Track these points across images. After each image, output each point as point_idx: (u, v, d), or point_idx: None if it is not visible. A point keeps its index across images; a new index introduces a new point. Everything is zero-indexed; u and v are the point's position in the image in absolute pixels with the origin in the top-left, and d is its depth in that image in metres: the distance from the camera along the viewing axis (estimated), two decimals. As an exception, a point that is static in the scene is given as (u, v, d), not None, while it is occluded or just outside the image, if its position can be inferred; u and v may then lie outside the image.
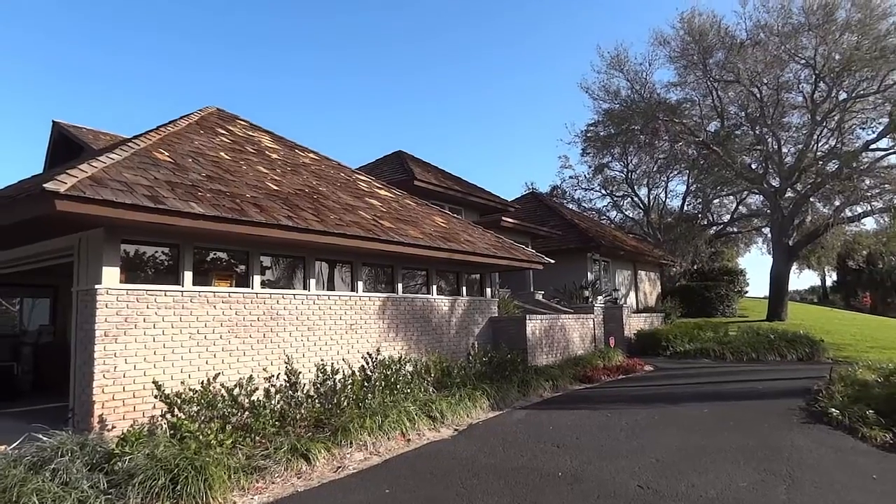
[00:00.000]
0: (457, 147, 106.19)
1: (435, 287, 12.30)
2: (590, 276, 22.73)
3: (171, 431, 6.25)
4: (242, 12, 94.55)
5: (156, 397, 6.62)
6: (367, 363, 9.14)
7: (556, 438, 7.56)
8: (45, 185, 5.70)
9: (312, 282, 9.51)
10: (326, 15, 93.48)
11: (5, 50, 73.83)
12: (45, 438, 5.47)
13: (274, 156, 11.96)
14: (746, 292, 37.50)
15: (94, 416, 6.47)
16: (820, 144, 25.41)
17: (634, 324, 19.63)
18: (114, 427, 6.49)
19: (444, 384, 9.84)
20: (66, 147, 17.50)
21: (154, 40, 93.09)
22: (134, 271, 7.38)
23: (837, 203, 25.59)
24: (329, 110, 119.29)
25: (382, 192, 13.59)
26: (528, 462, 6.49)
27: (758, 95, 25.13)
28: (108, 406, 6.61)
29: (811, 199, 25.73)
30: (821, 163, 24.82)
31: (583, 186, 40.01)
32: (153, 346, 7.12)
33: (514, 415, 9.36)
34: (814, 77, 23.98)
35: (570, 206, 37.66)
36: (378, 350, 9.89)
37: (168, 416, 6.55)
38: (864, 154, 24.29)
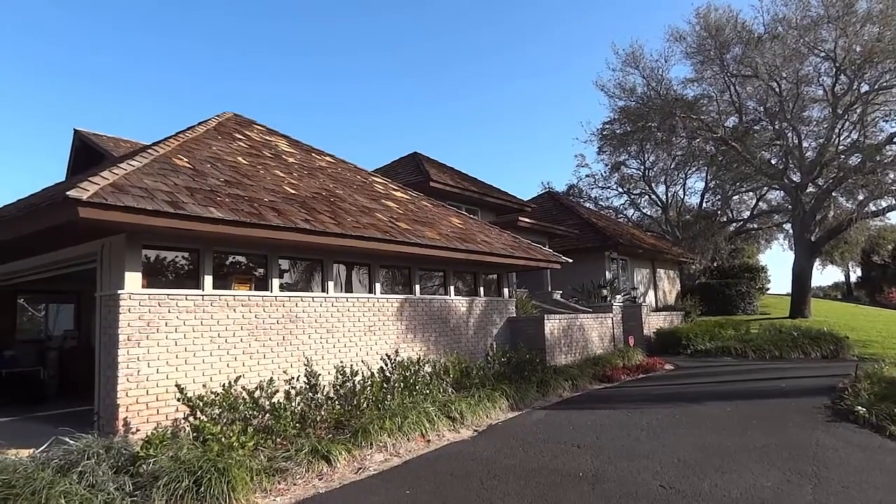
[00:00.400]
0: (472, 147, 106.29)
1: (452, 288, 12.30)
2: (608, 275, 22.57)
3: (194, 434, 6.34)
4: (242, 15, 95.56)
5: (178, 400, 6.71)
6: (386, 364, 9.19)
7: (576, 438, 7.51)
8: (68, 193, 5.81)
9: (331, 284, 9.57)
10: (330, 18, 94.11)
11: (28, 60, 75.50)
12: (71, 441, 5.58)
13: (290, 160, 12.06)
14: (768, 289, 36.91)
15: (118, 420, 6.58)
16: (842, 138, 24.92)
17: (654, 322, 19.46)
18: (138, 430, 6.59)
19: (463, 385, 9.84)
20: (88, 155, 17.86)
21: (165, 45, 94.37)
22: (155, 276, 7.49)
23: (861, 197, 25.07)
24: (343, 113, 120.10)
25: (398, 193, 13.63)
26: (548, 462, 6.47)
27: (777, 90, 24.70)
28: (133, 409, 6.71)
29: (833, 194, 25.23)
30: (843, 157, 24.35)
31: (599, 185, 39.65)
32: (175, 349, 7.22)
33: (534, 415, 9.33)
34: (834, 70, 23.52)
35: (587, 204, 37.38)
36: (397, 351, 9.91)
37: (191, 418, 6.62)
38: (887, 147, 23.79)
